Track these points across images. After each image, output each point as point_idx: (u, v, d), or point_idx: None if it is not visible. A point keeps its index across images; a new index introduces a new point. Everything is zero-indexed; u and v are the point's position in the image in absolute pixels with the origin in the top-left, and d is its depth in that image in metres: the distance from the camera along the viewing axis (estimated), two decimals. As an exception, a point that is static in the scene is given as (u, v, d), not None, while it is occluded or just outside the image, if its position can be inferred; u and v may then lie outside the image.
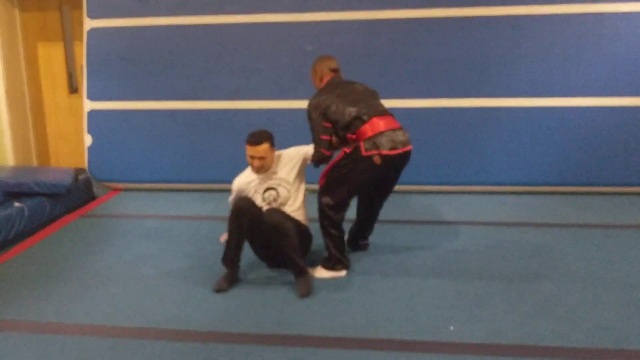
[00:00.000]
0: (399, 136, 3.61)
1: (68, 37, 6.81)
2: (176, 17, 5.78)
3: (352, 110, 3.60)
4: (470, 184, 5.64)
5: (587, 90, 5.42)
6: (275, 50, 5.70)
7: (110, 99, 5.96)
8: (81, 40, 6.32)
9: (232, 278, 3.64)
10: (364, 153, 3.53)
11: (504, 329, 3.05)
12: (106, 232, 4.78)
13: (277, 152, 3.82)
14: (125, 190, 6.09)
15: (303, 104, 4.79)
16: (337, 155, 3.71)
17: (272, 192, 3.79)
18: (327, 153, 3.70)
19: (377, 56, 5.62)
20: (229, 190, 3.94)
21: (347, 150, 3.63)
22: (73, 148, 7.00)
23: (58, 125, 7.04)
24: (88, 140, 6.00)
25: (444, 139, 5.60)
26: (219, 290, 3.56)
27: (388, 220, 4.75)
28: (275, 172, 3.81)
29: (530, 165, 5.54)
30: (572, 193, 5.60)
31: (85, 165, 6.09)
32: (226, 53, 5.79)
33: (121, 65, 5.91)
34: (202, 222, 4.98)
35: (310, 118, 3.70)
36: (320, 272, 3.78)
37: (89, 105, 5.99)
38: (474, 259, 4.01)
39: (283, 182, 3.81)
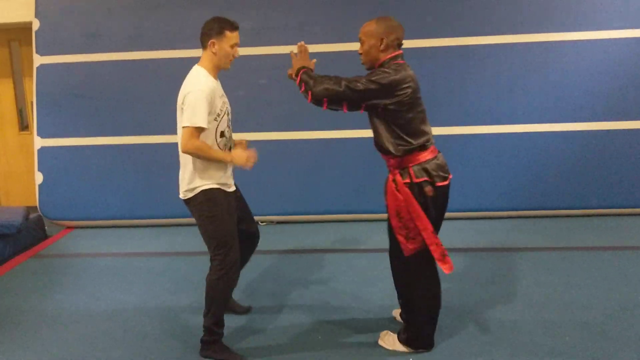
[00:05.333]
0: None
1: (17, 73, 6.70)
2: (127, 53, 5.74)
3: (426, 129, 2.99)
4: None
5: (533, 117, 5.57)
6: (229, 83, 5.69)
7: (61, 135, 5.85)
8: (31, 76, 6.21)
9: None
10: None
11: None
12: (58, 273, 4.65)
13: None
14: (78, 228, 5.95)
15: (251, 136, 4.82)
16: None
17: (227, 118, 3.24)
18: (324, 104, 2.97)
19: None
20: (179, 225, 3.84)
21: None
22: (24, 186, 6.82)
23: (8, 163, 6.86)
24: (39, 178, 5.87)
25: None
26: None
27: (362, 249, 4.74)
28: (222, 87, 3.30)
29: (480, 192, 5.63)
30: (522, 217, 5.68)
31: (37, 203, 5.94)
32: (178, 87, 5.75)
33: (72, 101, 5.83)
34: (156, 258, 4.90)
35: (361, 81, 2.87)
36: (397, 345, 3.20)
37: (39, 142, 5.87)
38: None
39: (230, 107, 3.35)
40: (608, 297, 3.74)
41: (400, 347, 3.15)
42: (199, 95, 2.98)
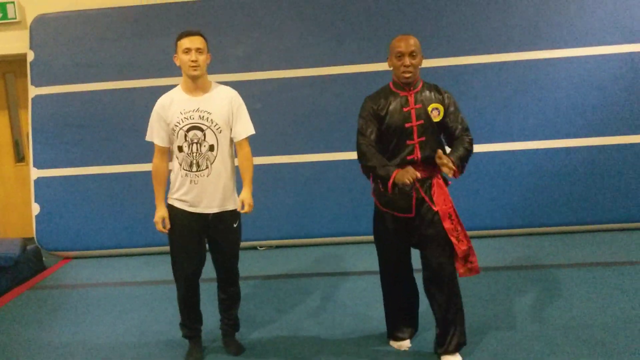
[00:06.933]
0: None
1: (13, 105, 6.73)
2: (121, 82, 5.79)
3: None
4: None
5: (526, 134, 5.60)
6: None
7: (57, 166, 5.86)
8: (26, 108, 6.24)
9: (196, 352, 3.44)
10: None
11: (462, 378, 3.04)
12: (56, 304, 4.62)
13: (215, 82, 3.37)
14: (76, 258, 5.93)
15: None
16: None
17: (198, 133, 3.18)
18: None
19: (324, 111, 5.71)
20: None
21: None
22: (21, 218, 6.81)
23: (5, 195, 6.86)
24: (35, 209, 5.87)
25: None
26: None
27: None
28: (206, 101, 3.22)
29: (475, 210, 5.63)
30: (518, 235, 5.67)
31: (34, 235, 5.92)
32: (174, 114, 5.80)
33: (67, 131, 5.85)
34: (155, 286, 4.87)
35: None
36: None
37: (35, 173, 5.88)
38: (425, 308, 4.00)
39: (213, 123, 3.21)
40: (607, 312, 3.72)
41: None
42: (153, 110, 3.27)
